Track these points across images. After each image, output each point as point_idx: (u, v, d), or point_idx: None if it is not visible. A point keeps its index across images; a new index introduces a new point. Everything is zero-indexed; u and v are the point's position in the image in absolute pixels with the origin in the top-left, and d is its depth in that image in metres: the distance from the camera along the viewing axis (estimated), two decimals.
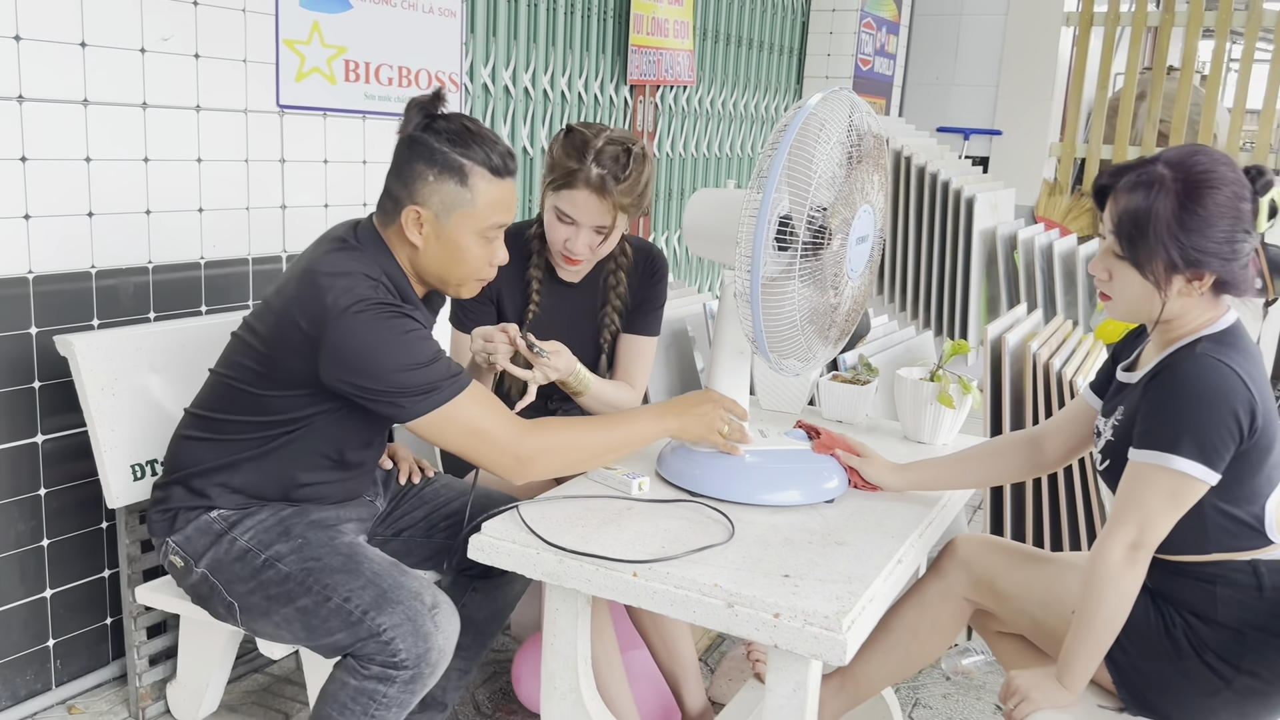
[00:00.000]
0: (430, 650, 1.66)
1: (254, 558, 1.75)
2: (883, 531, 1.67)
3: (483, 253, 1.77)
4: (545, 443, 1.70)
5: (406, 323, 1.66)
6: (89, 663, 2.35)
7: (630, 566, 1.49)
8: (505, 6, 3.44)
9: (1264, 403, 1.54)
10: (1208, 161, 1.56)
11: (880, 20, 5.63)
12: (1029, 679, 1.65)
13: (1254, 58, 5.78)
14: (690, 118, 4.64)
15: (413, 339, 1.65)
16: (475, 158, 1.71)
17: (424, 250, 1.75)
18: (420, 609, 1.66)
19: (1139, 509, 1.55)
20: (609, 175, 1.98)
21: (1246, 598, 1.59)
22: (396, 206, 1.73)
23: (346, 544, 1.78)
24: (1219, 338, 1.59)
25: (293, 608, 1.72)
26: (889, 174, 1.77)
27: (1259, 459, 1.56)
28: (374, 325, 1.63)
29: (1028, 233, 4.97)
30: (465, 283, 1.81)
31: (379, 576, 1.70)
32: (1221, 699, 1.60)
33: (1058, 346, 2.61)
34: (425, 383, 1.64)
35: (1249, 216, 1.55)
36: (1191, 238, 1.53)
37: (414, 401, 1.64)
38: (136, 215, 2.27)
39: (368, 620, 1.65)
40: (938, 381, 2.11)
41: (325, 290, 1.64)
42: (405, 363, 1.63)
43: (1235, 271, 1.56)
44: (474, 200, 1.72)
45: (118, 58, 2.18)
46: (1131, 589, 1.57)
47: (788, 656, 1.43)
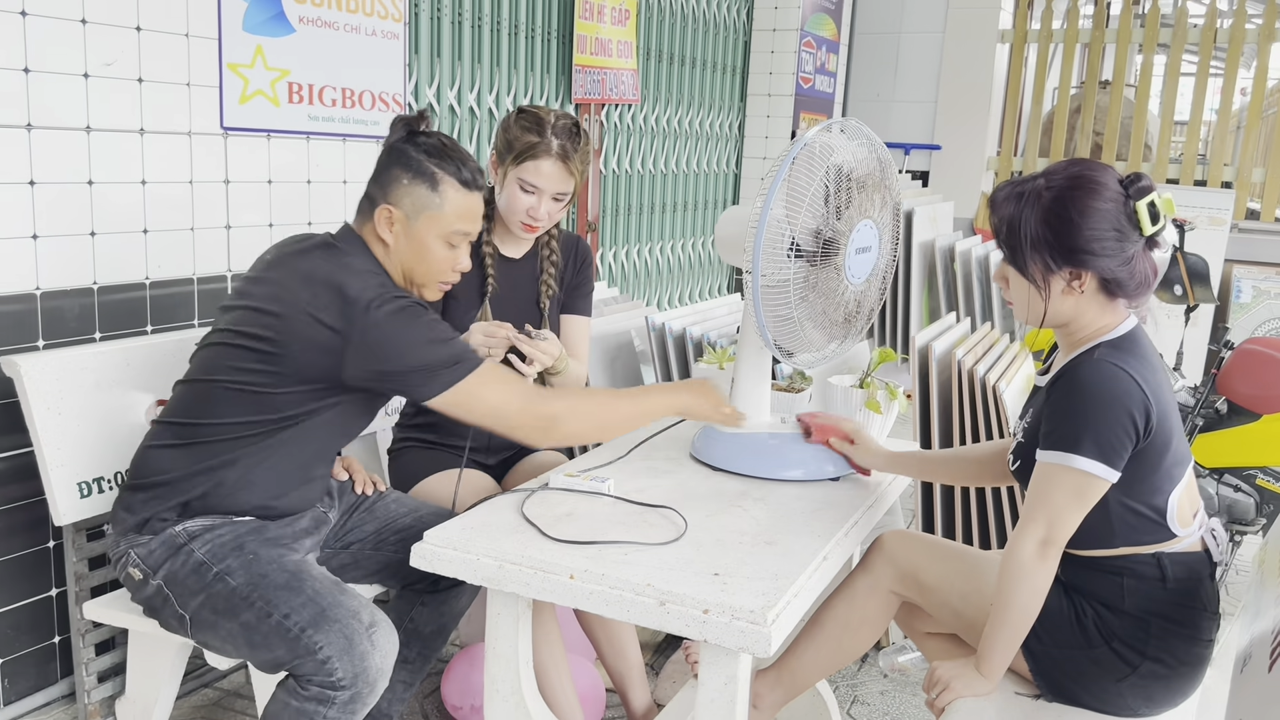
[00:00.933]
0: (367, 670, 1.69)
1: (206, 571, 1.78)
2: (810, 531, 1.75)
3: (446, 256, 1.91)
4: (570, 405, 1.85)
5: (419, 308, 1.80)
6: (37, 681, 2.36)
7: (567, 569, 1.55)
8: (449, 28, 3.51)
9: (1158, 404, 1.63)
10: (1078, 169, 1.68)
11: (820, 39, 5.76)
12: (950, 669, 1.73)
13: (1180, 71, 5.99)
14: (636, 135, 4.72)
15: (429, 321, 1.79)
16: (447, 169, 1.88)
17: (393, 248, 1.89)
18: (357, 628, 1.70)
19: (1047, 507, 1.64)
20: (568, 145, 2.18)
21: (1151, 589, 1.68)
22: (372, 206, 1.89)
23: (295, 561, 1.82)
24: (1116, 343, 1.68)
25: (237, 623, 1.75)
26: (892, 191, 1.98)
27: (1156, 457, 1.65)
28: (400, 314, 1.76)
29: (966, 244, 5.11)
30: (429, 284, 1.94)
31: (319, 595, 1.74)
32: (1129, 683, 1.69)
33: (983, 354, 2.72)
34: (449, 357, 1.77)
35: (1122, 218, 1.65)
36: (1059, 238, 1.65)
37: (436, 376, 1.76)
38: (81, 237, 2.30)
39: (305, 638, 1.68)
40: (867, 388, 2.20)
41: (345, 287, 1.75)
42: (431, 337, 1.77)
43: (1116, 271, 1.65)
44: (442, 205, 1.87)
45: (61, 82, 2.21)
46: (1043, 583, 1.65)
47: (718, 651, 1.50)
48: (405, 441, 2.38)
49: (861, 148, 1.92)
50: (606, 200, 4.62)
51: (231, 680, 2.54)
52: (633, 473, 2.00)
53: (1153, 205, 1.65)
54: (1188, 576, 1.69)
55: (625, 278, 4.84)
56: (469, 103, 3.64)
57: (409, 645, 2.07)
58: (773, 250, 1.85)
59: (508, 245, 2.34)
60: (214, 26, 2.52)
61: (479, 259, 2.30)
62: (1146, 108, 6.01)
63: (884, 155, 1.95)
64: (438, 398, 1.77)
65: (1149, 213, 1.65)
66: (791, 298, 1.88)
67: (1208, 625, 1.70)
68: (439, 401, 1.77)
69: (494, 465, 2.39)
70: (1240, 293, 5.30)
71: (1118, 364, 1.63)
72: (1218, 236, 5.25)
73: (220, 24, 2.53)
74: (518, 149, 2.17)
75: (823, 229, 1.88)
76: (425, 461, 2.31)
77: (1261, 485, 3.05)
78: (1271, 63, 5.73)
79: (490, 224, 2.32)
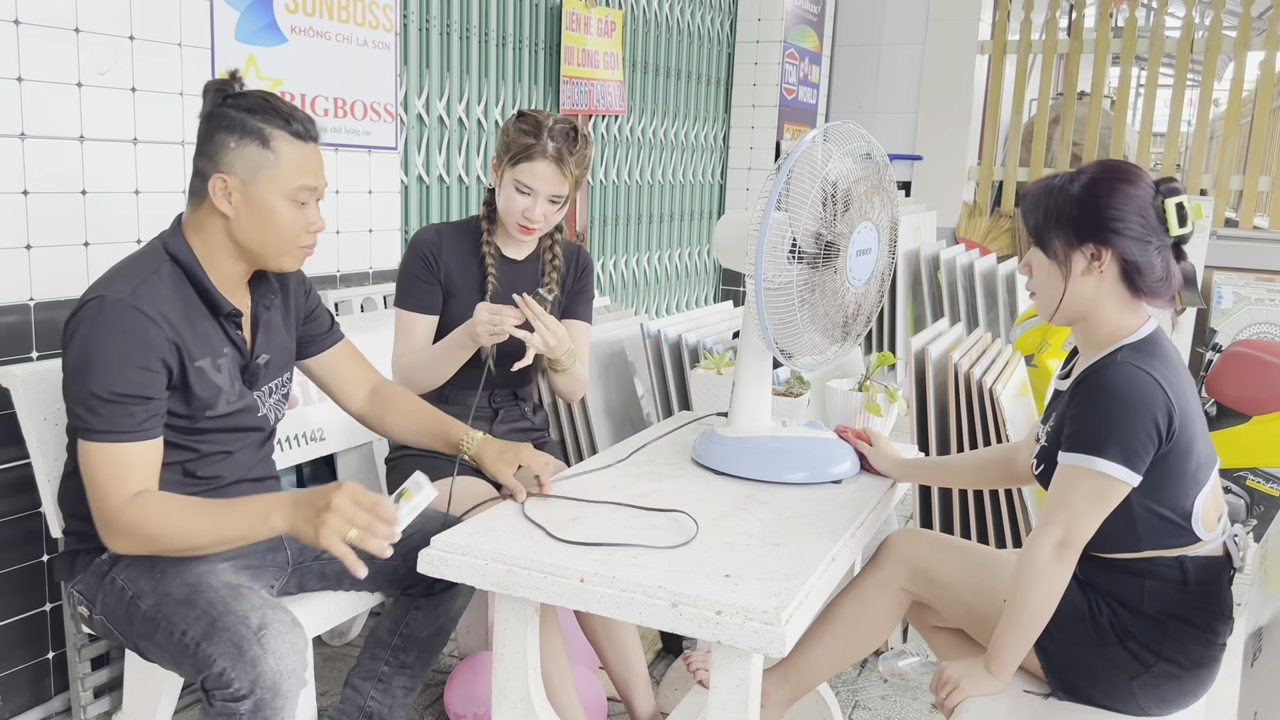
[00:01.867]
0: (262, 675, 1.58)
1: (125, 595, 1.74)
2: (817, 533, 1.75)
3: (296, 217, 1.77)
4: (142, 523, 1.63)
5: (127, 345, 1.63)
6: (32, 698, 2.33)
7: (577, 572, 1.55)
8: (438, 40, 3.51)
9: (1181, 407, 1.63)
10: (1113, 162, 1.71)
11: (803, 51, 5.80)
12: (959, 669, 1.73)
13: (1158, 82, 6.07)
14: (623, 146, 4.73)
15: (118, 367, 1.62)
16: (275, 123, 1.74)
17: (235, 219, 1.74)
18: (245, 634, 1.60)
19: (1066, 509, 1.64)
20: (564, 148, 2.18)
21: (1172, 591, 1.68)
22: (203, 181, 1.73)
23: (196, 573, 1.73)
24: (1139, 346, 1.68)
25: (154, 645, 1.71)
26: (891, 193, 1.99)
27: (1179, 461, 1.65)
28: (99, 330, 1.63)
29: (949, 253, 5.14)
30: (286, 252, 1.79)
31: (211, 605, 1.65)
32: (1140, 683, 1.69)
33: (978, 357, 2.73)
34: (90, 412, 1.62)
35: (1149, 210, 1.66)
36: (1085, 213, 1.68)
37: (75, 422, 1.65)
38: (75, 247, 2.28)
39: (200, 652, 1.61)
40: (865, 391, 2.21)
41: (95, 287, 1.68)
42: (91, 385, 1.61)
43: (1137, 255, 1.66)
44: (277, 162, 1.73)
45: (54, 92, 2.20)
46: (1058, 585, 1.65)
47: (730, 652, 1.49)
48: (402, 450, 2.37)
49: (860, 150, 1.94)
50: (594, 210, 4.62)
51: None
52: (636, 477, 1.99)
53: (1181, 207, 1.66)
54: (1210, 580, 1.69)
55: (614, 288, 4.85)
56: (458, 113, 3.64)
57: (407, 650, 2.06)
58: (774, 253, 1.86)
59: (510, 247, 2.35)
60: (207, 36, 2.51)
61: (479, 258, 2.30)
62: (1125, 118, 6.09)
63: (881, 156, 1.97)
64: (80, 441, 1.64)
65: (1177, 213, 1.66)
66: (794, 300, 1.89)
67: (1222, 628, 1.71)
68: (79, 446, 1.65)
69: None
70: (1221, 298, 5.36)
71: (1141, 366, 1.63)
72: (1198, 243, 5.31)
73: (213, 34, 2.53)
74: (514, 151, 2.19)
75: (823, 231, 1.89)
76: (424, 469, 2.29)
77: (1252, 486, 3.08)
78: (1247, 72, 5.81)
79: (492, 225, 2.33)
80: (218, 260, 1.78)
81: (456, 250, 2.30)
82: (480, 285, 2.31)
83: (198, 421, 1.77)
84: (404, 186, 3.42)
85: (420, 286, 2.28)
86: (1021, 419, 2.82)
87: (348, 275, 3.05)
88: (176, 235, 1.77)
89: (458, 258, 2.30)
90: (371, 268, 3.12)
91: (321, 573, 2.01)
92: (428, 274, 2.27)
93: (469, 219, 2.38)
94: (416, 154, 3.47)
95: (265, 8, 2.65)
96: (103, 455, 1.63)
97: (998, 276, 5.13)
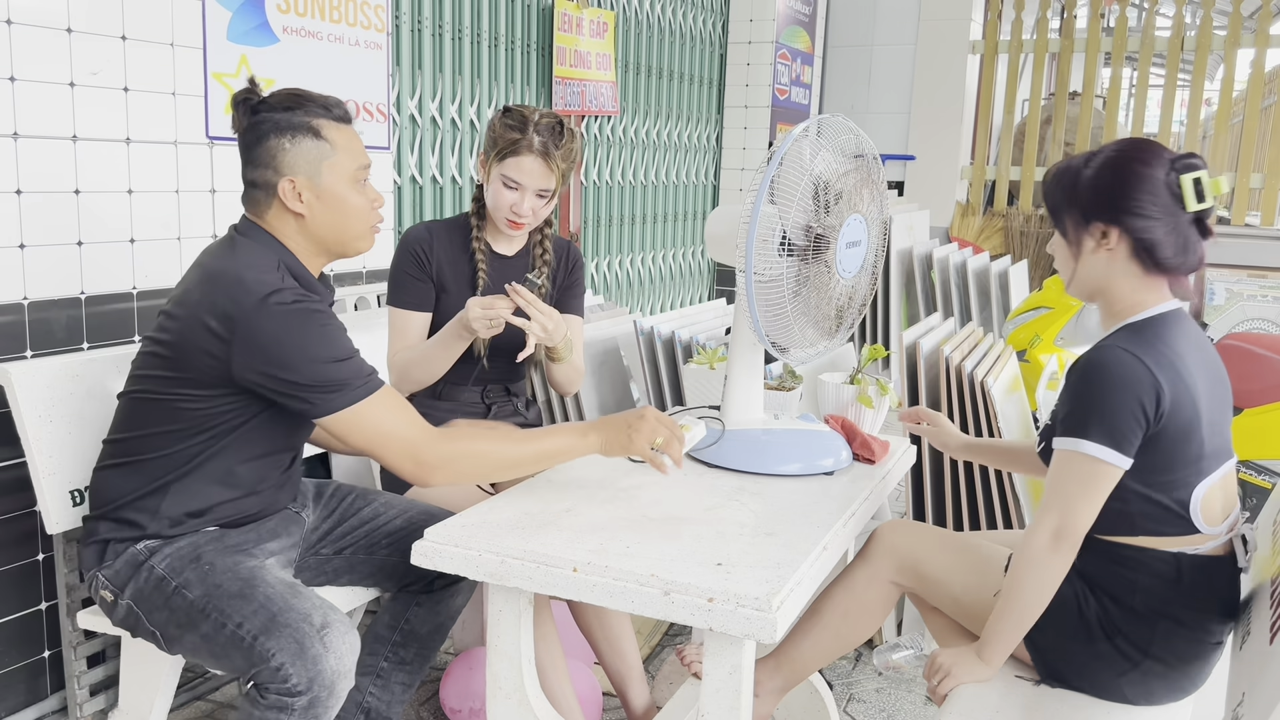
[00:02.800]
0: (321, 673, 1.63)
1: (166, 585, 1.75)
2: (809, 521, 1.76)
3: (363, 199, 1.82)
4: (453, 451, 1.74)
5: (322, 315, 1.70)
6: (28, 696, 2.33)
7: (570, 562, 1.56)
8: (430, 41, 3.52)
9: (1174, 390, 1.61)
10: (1130, 140, 1.73)
11: (795, 52, 5.82)
12: (951, 656, 1.74)
13: (1149, 82, 6.09)
14: (616, 147, 4.75)
15: (330, 332, 1.69)
16: (317, 114, 1.78)
17: (311, 217, 1.78)
18: (308, 631, 1.64)
19: (1060, 496, 1.64)
20: (549, 142, 2.18)
21: (1164, 588, 1.67)
22: (269, 189, 1.77)
23: (249, 568, 1.77)
24: (1138, 327, 1.68)
25: (197, 635, 1.72)
26: (880, 186, 2.00)
27: (1175, 445, 1.63)
28: (290, 316, 1.66)
29: (943, 252, 5.16)
30: (363, 235, 1.85)
31: (270, 601, 1.69)
32: (1128, 679, 1.69)
33: (969, 351, 2.74)
34: (340, 378, 1.67)
35: (1162, 187, 1.66)
36: (1094, 193, 1.70)
37: (327, 397, 1.67)
38: (68, 247, 2.29)
39: (258, 646, 1.64)
40: (858, 385, 2.22)
41: (234, 284, 1.68)
42: (323, 356, 1.66)
43: (1147, 233, 1.66)
44: (334, 149, 1.78)
45: (47, 91, 2.21)
46: (1054, 576, 1.64)
47: (722, 640, 1.50)
48: None
49: (850, 143, 1.95)
50: (588, 211, 4.63)
51: (224, 692, 2.52)
52: (628, 470, 2.00)
53: (1198, 182, 1.65)
54: (1204, 580, 1.68)
55: (608, 288, 4.86)
56: (450, 114, 3.65)
57: (406, 646, 2.06)
58: (764, 247, 1.87)
59: (500, 243, 2.37)
60: (199, 36, 2.52)
61: (469, 254, 2.32)
62: (1116, 118, 6.11)
63: (869, 149, 1.97)
64: (331, 417, 1.69)
65: (1193, 189, 1.65)
66: (785, 294, 1.90)
67: (1217, 627, 1.69)
68: (331, 421, 1.69)
69: None
70: (1214, 295, 5.38)
71: (1129, 349, 1.63)
72: None
73: (205, 34, 2.53)
74: (500, 146, 2.20)
75: (813, 224, 1.90)
76: None
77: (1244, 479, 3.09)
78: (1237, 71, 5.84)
79: (481, 221, 2.34)
80: (304, 259, 1.83)
81: (447, 247, 2.31)
82: (471, 281, 2.32)
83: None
84: (397, 187, 3.43)
85: (412, 284, 2.29)
86: (1014, 413, 2.83)
87: (341, 275, 3.06)
88: (264, 235, 1.79)
89: (449, 254, 2.31)
90: (365, 267, 3.13)
91: (321, 568, 2.02)
92: (419, 271, 2.28)
93: (459, 216, 2.40)
94: (409, 154, 3.48)
95: (257, 8, 2.66)
96: (379, 404, 1.71)
97: (991, 275, 5.15)
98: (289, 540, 1.95)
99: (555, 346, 2.18)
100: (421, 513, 2.08)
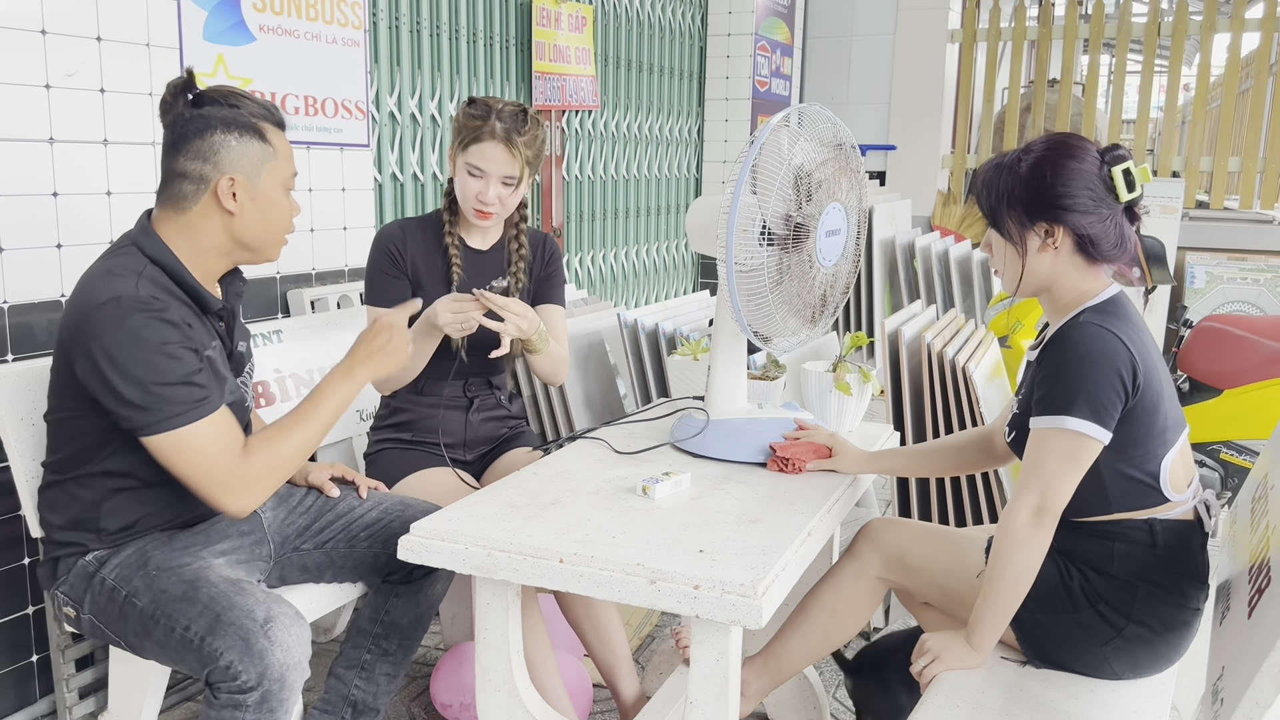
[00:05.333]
0: (269, 667, 1.61)
1: (118, 595, 1.75)
2: (793, 509, 1.77)
3: (289, 206, 1.81)
4: (261, 464, 1.71)
5: (164, 332, 1.64)
6: (17, 701, 2.33)
7: (556, 553, 1.56)
8: (408, 38, 3.51)
9: (1145, 363, 1.66)
10: (1057, 137, 1.74)
11: (774, 43, 5.83)
12: (939, 640, 1.75)
13: (1126, 69, 6.12)
14: (597, 141, 4.75)
15: (167, 352, 1.64)
16: (260, 114, 1.75)
17: (240, 217, 1.75)
18: (252, 627, 1.63)
19: (1040, 473, 1.65)
20: (512, 129, 2.19)
21: (1140, 554, 1.71)
22: (201, 183, 1.72)
23: (193, 570, 1.75)
24: (1101, 308, 1.72)
25: (152, 641, 1.72)
26: (858, 174, 2.00)
27: (1147, 418, 1.67)
28: (130, 328, 1.62)
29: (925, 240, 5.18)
30: (279, 243, 1.83)
31: (214, 600, 1.67)
32: (1113, 647, 1.72)
33: (951, 337, 2.76)
34: (161, 402, 1.63)
35: (1097, 181, 1.70)
36: (1033, 194, 1.71)
37: (144, 418, 1.64)
38: (47, 249, 2.28)
39: (206, 646, 1.63)
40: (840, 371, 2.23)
41: (81, 293, 1.67)
42: (151, 379, 1.62)
43: (1090, 228, 1.70)
44: (276, 153, 1.77)
45: (22, 94, 2.20)
46: (1037, 554, 1.66)
47: (709, 626, 1.51)
48: (381, 443, 2.38)
49: (828, 132, 1.96)
50: (570, 206, 4.63)
51: None
52: (614, 461, 2.01)
53: (1128, 173, 1.69)
54: (1178, 544, 1.71)
55: (592, 283, 4.86)
56: (430, 110, 3.65)
57: (388, 638, 2.06)
58: (745, 236, 1.88)
59: (474, 237, 2.37)
60: (175, 36, 2.51)
61: (442, 249, 2.32)
62: (1095, 104, 6.14)
63: (847, 137, 1.98)
64: (148, 439, 1.64)
65: (1124, 179, 1.69)
66: (765, 283, 1.91)
67: (1195, 593, 1.72)
68: (148, 443, 1.65)
69: (471, 461, 2.40)
70: (1194, 278, 5.41)
71: (1103, 325, 1.66)
72: (1170, 224, 5.37)
73: (181, 33, 2.52)
74: (464, 135, 2.21)
75: (792, 214, 1.91)
76: (403, 462, 2.31)
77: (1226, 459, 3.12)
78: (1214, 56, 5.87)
79: (454, 216, 2.34)
80: (203, 260, 1.78)
81: (421, 243, 2.31)
82: (446, 276, 2.32)
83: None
84: (377, 184, 3.42)
85: (389, 282, 2.29)
86: (995, 399, 2.85)
87: (323, 273, 3.05)
88: (151, 236, 1.75)
89: (422, 250, 2.31)
90: (347, 265, 3.12)
91: (303, 564, 2.02)
92: (394, 269, 2.28)
93: (432, 212, 2.39)
94: (389, 151, 3.48)
95: (233, 7, 2.65)
96: (198, 433, 1.65)
97: (973, 263, 5.17)
98: (244, 540, 1.92)
99: (530, 339, 2.18)
100: (397, 503, 2.08)
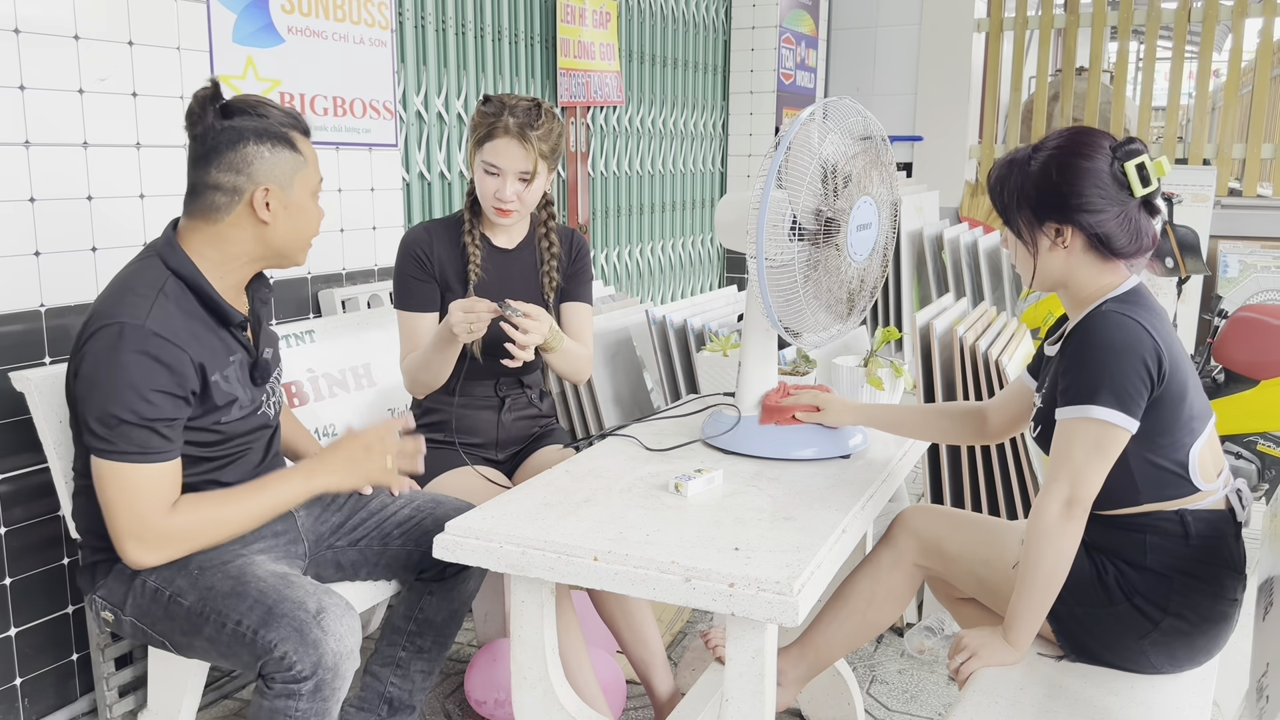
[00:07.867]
0: (324, 656, 1.65)
1: (161, 596, 1.76)
2: (826, 505, 1.76)
3: (318, 211, 1.85)
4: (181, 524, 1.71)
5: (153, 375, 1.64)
6: (57, 699, 2.36)
7: (590, 551, 1.56)
8: (434, 37, 3.52)
9: (1170, 351, 1.65)
10: (1070, 133, 1.73)
11: (799, 35, 5.80)
12: (977, 636, 1.74)
13: (1156, 55, 6.05)
14: (621, 137, 4.74)
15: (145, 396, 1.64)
16: (288, 123, 1.79)
17: (274, 226, 1.77)
18: (305, 618, 1.66)
19: (1069, 465, 1.64)
20: (525, 123, 2.19)
21: (1174, 545, 1.70)
22: (235, 195, 1.73)
23: (238, 565, 1.78)
24: (1123, 298, 1.71)
25: (202, 638, 1.74)
26: (889, 167, 1.99)
27: (1173, 406, 1.66)
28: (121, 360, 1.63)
29: (953, 232, 5.14)
30: (307, 249, 1.86)
31: (264, 594, 1.70)
32: (1150, 640, 1.70)
33: (983, 330, 2.74)
34: (121, 438, 1.64)
35: (1108, 178, 1.68)
36: (1042, 194, 1.71)
37: (100, 444, 1.65)
38: (83, 253, 2.31)
39: (259, 640, 1.66)
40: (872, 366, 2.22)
41: (102, 300, 1.70)
42: (117, 413, 1.63)
43: (1101, 228, 1.68)
44: (306, 162, 1.80)
45: (57, 99, 2.22)
46: (1069, 545, 1.65)
47: (744, 624, 1.51)
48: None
49: (858, 125, 1.95)
50: (596, 202, 4.63)
51: (252, 691, 2.54)
52: (645, 458, 2.01)
53: (1142, 167, 1.68)
54: (1211, 534, 1.70)
55: (618, 279, 4.86)
56: (456, 109, 3.66)
57: (422, 635, 2.08)
58: (775, 232, 1.87)
59: (500, 236, 2.36)
60: (205, 39, 2.53)
61: (461, 249, 2.32)
62: (1124, 92, 6.07)
63: (877, 129, 1.97)
64: (97, 460, 1.66)
65: (1138, 174, 1.67)
66: (796, 278, 1.90)
67: (1231, 584, 1.71)
68: (95, 462, 1.67)
69: (503, 461, 2.40)
70: (1227, 267, 5.35)
71: (1126, 314, 1.65)
72: (1202, 212, 5.30)
73: (211, 36, 2.54)
74: (479, 133, 2.22)
75: (823, 208, 1.90)
76: (436, 461, 2.31)
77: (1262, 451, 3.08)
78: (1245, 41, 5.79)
79: (476, 216, 2.34)
80: (229, 270, 1.80)
81: (447, 245, 2.31)
82: (464, 281, 2.30)
83: (219, 431, 1.79)
84: (405, 183, 3.44)
85: (416, 286, 2.29)
86: None
87: (353, 273, 3.07)
88: (175, 249, 1.76)
89: (449, 252, 2.31)
90: (376, 264, 3.14)
91: (336, 562, 2.03)
92: (422, 272, 2.29)
93: (457, 213, 2.39)
94: (417, 150, 3.49)
95: (261, 9, 2.67)
96: (137, 475, 1.66)
97: (1002, 254, 5.13)
98: (279, 540, 1.94)
99: (544, 341, 2.14)
100: (429, 501, 2.09)
